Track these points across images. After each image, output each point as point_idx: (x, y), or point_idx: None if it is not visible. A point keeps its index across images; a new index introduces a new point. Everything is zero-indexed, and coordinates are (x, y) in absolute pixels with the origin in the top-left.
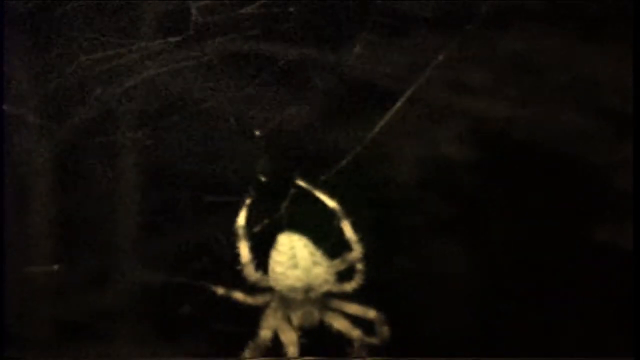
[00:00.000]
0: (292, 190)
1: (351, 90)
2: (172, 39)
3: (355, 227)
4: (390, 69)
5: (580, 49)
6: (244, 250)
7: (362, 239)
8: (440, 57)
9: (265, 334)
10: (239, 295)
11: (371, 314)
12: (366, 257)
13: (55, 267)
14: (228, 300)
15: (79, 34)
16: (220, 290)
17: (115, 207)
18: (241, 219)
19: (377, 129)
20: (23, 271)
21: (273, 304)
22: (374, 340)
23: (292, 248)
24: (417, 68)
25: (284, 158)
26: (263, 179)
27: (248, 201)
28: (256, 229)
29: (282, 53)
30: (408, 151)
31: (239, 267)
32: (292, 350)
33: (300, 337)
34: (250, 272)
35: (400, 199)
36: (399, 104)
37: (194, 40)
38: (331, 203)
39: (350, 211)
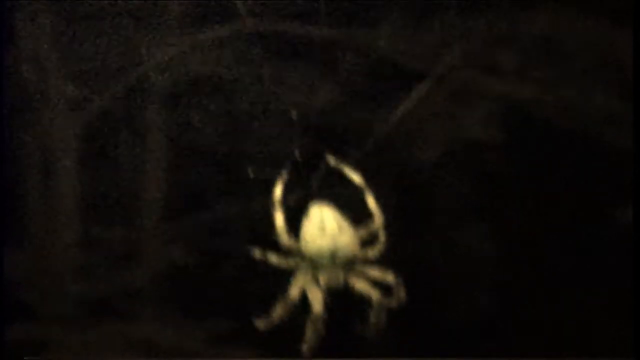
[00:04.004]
0: (323, 167)
1: (379, 70)
2: (201, 19)
3: (381, 206)
4: (418, 50)
5: (608, 31)
6: (279, 220)
7: (386, 219)
8: (468, 39)
9: (294, 291)
10: (273, 258)
11: (390, 277)
12: (391, 236)
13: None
14: (263, 263)
15: (105, 13)
16: (257, 253)
17: (142, 185)
18: (277, 191)
19: (404, 110)
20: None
21: (303, 267)
22: (392, 302)
23: (321, 217)
24: (445, 49)
25: (312, 137)
26: (298, 157)
27: (284, 176)
28: (290, 201)
29: (310, 33)
30: (434, 132)
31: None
32: (317, 305)
33: (325, 297)
34: (285, 239)
35: (426, 179)
36: (426, 85)
37: (223, 20)
38: (356, 178)
39: (376, 191)
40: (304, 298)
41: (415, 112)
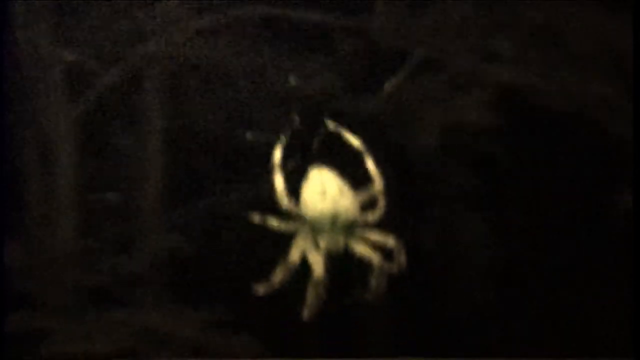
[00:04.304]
0: (322, 131)
1: (375, 55)
2: (196, 4)
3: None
4: (415, 35)
5: (606, 18)
6: (279, 182)
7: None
8: (466, 25)
9: (294, 255)
10: (273, 222)
11: (390, 241)
12: (388, 221)
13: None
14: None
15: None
16: (256, 218)
17: (140, 174)
18: (277, 154)
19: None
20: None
21: (303, 231)
22: (392, 267)
23: (321, 181)
24: (442, 34)
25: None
26: (296, 122)
27: (283, 139)
28: (290, 166)
29: (305, 17)
30: (432, 118)
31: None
32: (318, 269)
33: (326, 261)
34: (285, 202)
35: (423, 165)
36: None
37: (219, 5)
38: (355, 142)
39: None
40: (304, 265)
41: (412, 98)
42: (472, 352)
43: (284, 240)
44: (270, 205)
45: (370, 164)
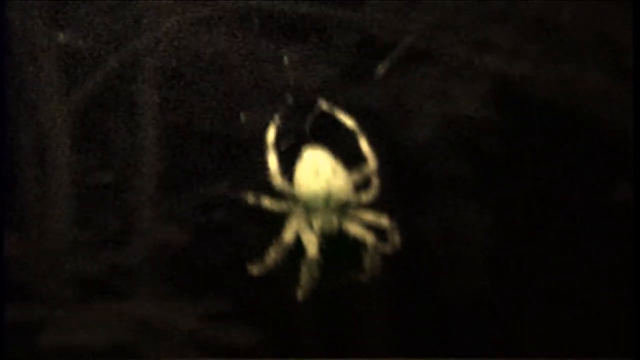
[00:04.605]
0: (315, 111)
1: (371, 47)
2: None
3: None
4: (411, 28)
5: (604, 8)
6: (272, 161)
7: (381, 196)
8: (461, 14)
9: (288, 235)
10: (267, 202)
11: (384, 221)
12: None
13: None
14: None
15: None
16: (250, 198)
17: (135, 165)
18: (270, 134)
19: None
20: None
21: (297, 211)
22: (386, 248)
23: (315, 161)
24: (437, 25)
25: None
26: (290, 101)
27: (276, 120)
28: (284, 146)
29: (300, 9)
30: (428, 110)
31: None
32: (312, 249)
33: (320, 241)
34: (278, 181)
35: (420, 157)
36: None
37: None
38: (349, 122)
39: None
40: (298, 246)
41: (409, 90)
42: (472, 352)
43: (278, 222)
44: (264, 187)
45: (364, 144)
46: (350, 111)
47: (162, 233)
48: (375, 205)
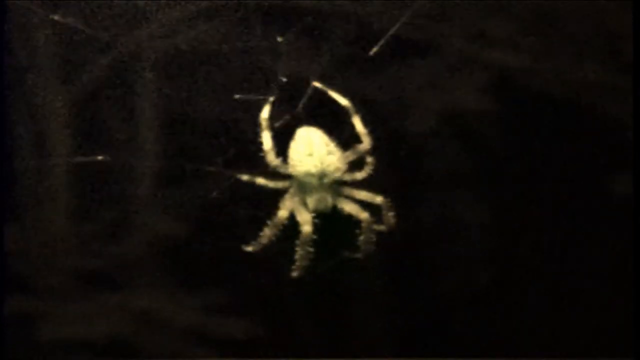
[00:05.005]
0: (309, 90)
1: (372, 40)
2: None
3: (375, 176)
4: (410, 20)
5: (602, 0)
6: (267, 139)
7: (382, 189)
8: (461, 7)
9: (282, 214)
10: (261, 180)
11: (378, 199)
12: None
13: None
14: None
15: None
16: (244, 177)
17: (134, 157)
18: (265, 112)
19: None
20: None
21: (291, 189)
22: (381, 227)
23: (309, 139)
24: (437, 18)
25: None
26: (284, 79)
27: (271, 98)
28: (277, 124)
29: (297, 2)
30: (428, 102)
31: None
32: (306, 228)
33: (314, 218)
34: (272, 158)
35: (420, 149)
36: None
37: None
38: (343, 101)
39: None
40: (293, 226)
41: (409, 82)
42: (471, 351)
43: (273, 200)
44: (258, 167)
45: (358, 123)
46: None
47: (161, 226)
48: (371, 187)
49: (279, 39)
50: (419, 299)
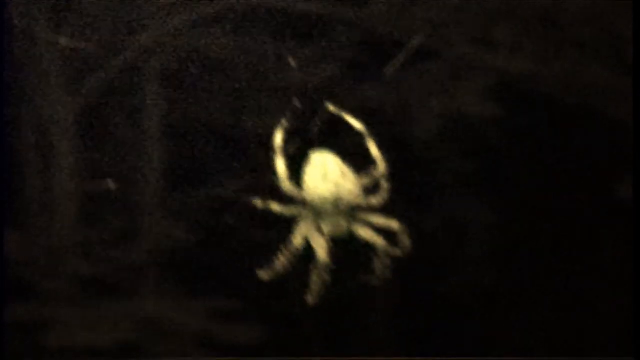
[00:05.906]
0: (323, 115)
1: (375, 46)
2: None
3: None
4: (413, 24)
5: (604, 3)
6: (280, 166)
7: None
8: (464, 11)
9: (297, 240)
10: (275, 207)
11: (394, 225)
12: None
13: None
14: (266, 214)
15: None
16: (258, 203)
17: (141, 163)
18: (278, 138)
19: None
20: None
21: (305, 215)
22: (397, 252)
23: (323, 164)
24: (441, 23)
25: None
26: (297, 105)
27: (284, 123)
28: (291, 150)
29: (304, 7)
30: (431, 107)
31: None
32: (322, 253)
33: (330, 245)
34: (286, 185)
35: (423, 154)
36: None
37: None
38: (358, 125)
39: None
40: (307, 250)
41: (411, 87)
42: (471, 351)
43: (287, 226)
44: (273, 192)
45: (373, 148)
46: (354, 110)
47: (167, 232)
48: (384, 207)
49: (290, 59)
50: (424, 300)
